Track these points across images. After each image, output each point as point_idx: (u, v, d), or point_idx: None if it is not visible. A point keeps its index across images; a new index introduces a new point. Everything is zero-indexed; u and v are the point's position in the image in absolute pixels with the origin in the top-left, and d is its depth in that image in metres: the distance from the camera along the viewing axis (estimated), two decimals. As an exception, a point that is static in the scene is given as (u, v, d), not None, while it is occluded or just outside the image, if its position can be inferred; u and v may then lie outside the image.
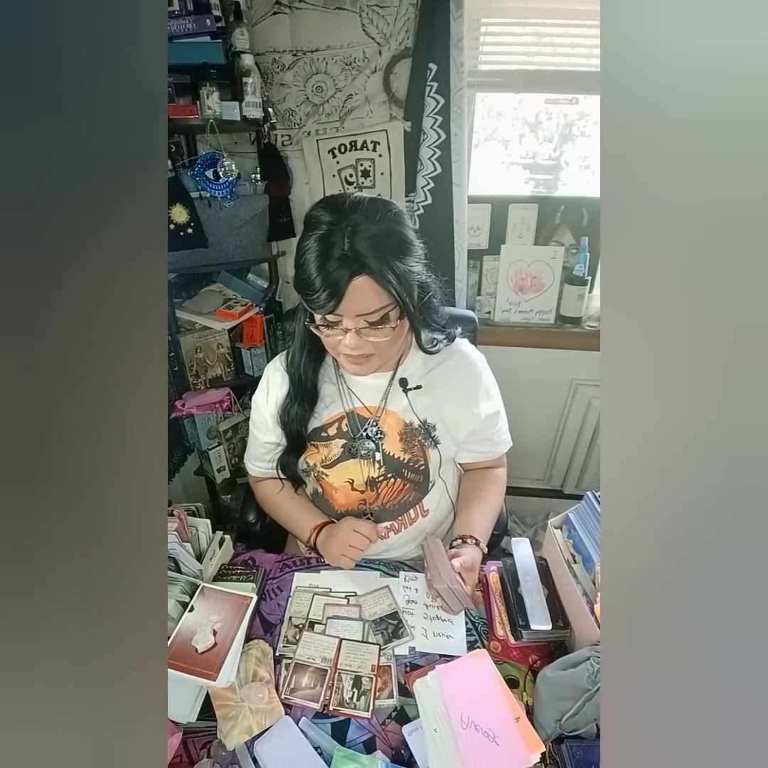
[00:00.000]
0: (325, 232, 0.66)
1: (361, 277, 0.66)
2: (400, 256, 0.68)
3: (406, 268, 0.69)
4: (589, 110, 1.62)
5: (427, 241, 0.75)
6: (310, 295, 0.68)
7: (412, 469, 0.89)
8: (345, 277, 0.65)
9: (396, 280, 0.67)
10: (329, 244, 0.66)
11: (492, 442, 0.97)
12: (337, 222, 0.66)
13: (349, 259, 0.65)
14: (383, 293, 0.68)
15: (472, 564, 0.81)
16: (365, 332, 0.71)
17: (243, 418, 1.65)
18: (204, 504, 1.11)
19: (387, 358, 0.82)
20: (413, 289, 0.71)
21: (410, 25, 1.38)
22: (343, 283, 0.65)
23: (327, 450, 0.90)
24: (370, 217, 0.67)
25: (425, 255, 0.74)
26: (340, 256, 0.65)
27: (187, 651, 0.68)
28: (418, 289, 0.75)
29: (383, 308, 0.69)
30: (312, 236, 0.67)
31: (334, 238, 0.65)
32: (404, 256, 0.69)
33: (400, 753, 0.64)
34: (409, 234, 0.71)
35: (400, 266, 0.67)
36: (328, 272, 0.65)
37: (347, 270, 0.65)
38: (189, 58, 1.22)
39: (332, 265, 0.65)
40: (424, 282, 0.76)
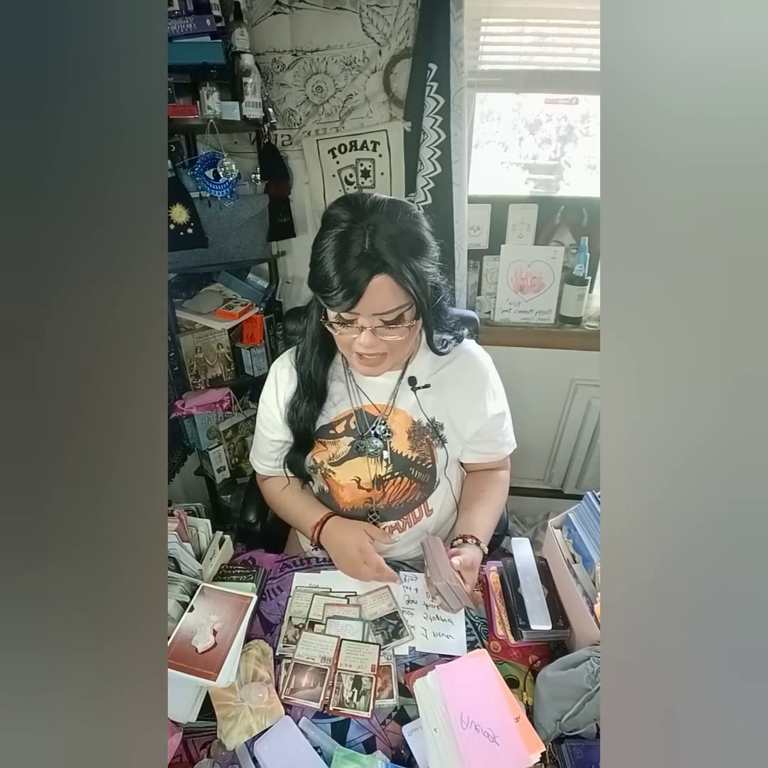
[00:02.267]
0: (344, 230, 0.67)
1: (381, 276, 0.66)
2: (418, 256, 0.69)
3: (424, 269, 0.69)
4: (593, 111, 1.62)
5: (442, 244, 0.75)
6: (327, 293, 0.68)
7: (420, 467, 0.90)
8: (365, 276, 0.65)
9: (414, 279, 0.67)
10: (349, 241, 0.66)
11: (496, 443, 0.97)
12: (357, 220, 0.66)
13: (369, 257, 0.65)
14: (401, 292, 0.68)
15: (471, 563, 0.81)
16: (380, 331, 0.72)
17: (243, 418, 1.65)
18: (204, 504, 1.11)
19: (399, 358, 0.82)
20: (428, 290, 0.72)
21: (410, 25, 1.38)
22: (362, 282, 0.66)
23: (335, 447, 0.90)
24: (390, 217, 0.67)
25: (439, 257, 0.75)
26: (361, 254, 0.65)
27: (187, 651, 0.68)
28: (431, 289, 0.75)
29: (400, 308, 0.70)
30: (331, 234, 0.67)
31: (353, 236, 0.66)
32: (422, 256, 0.69)
33: (400, 753, 0.64)
34: (426, 236, 0.72)
35: (418, 266, 0.68)
36: (348, 270, 0.66)
37: (367, 268, 0.65)
38: (189, 58, 1.22)
39: (352, 263, 0.65)
40: (438, 284, 0.76)
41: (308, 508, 0.95)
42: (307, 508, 0.95)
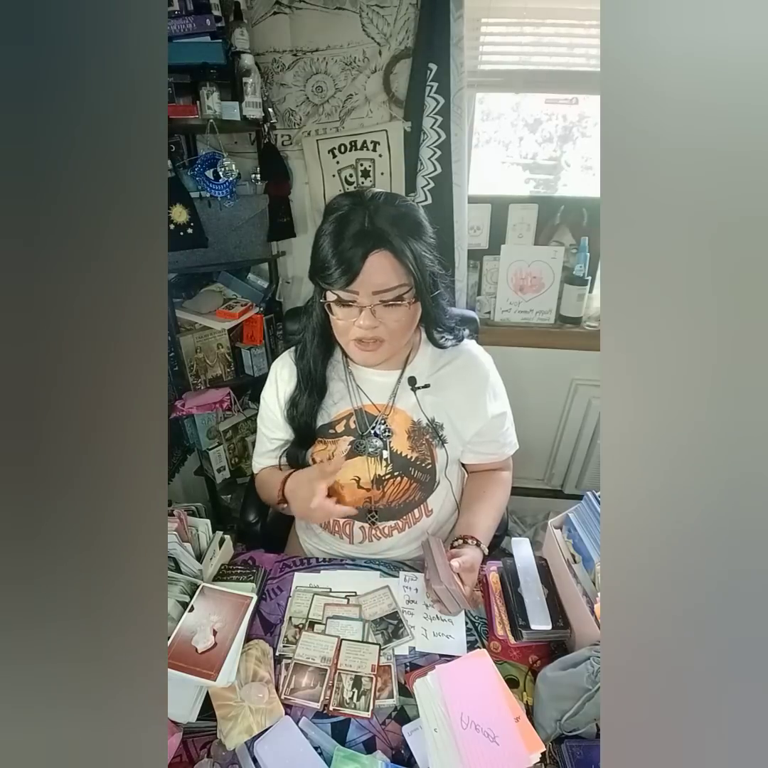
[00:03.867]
0: (345, 212, 0.70)
1: (380, 252, 0.68)
2: (416, 236, 0.71)
3: (422, 251, 0.72)
4: (589, 111, 1.62)
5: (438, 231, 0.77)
6: (327, 270, 0.70)
7: (419, 467, 0.90)
8: (363, 252, 0.68)
9: (413, 257, 0.70)
10: (348, 221, 0.69)
11: (498, 443, 0.97)
12: (358, 204, 0.70)
13: (369, 233, 0.68)
14: (401, 269, 0.70)
15: (471, 564, 0.81)
16: (379, 312, 0.73)
17: (243, 418, 1.65)
18: (204, 504, 1.11)
19: (397, 347, 0.82)
20: (426, 272, 0.74)
21: (410, 25, 1.38)
22: (360, 257, 0.68)
23: (334, 447, 0.90)
24: (389, 201, 0.71)
25: (436, 246, 0.77)
26: (360, 231, 0.68)
27: (187, 651, 0.68)
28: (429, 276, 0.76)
29: (400, 286, 0.72)
30: (332, 218, 0.71)
31: (354, 215, 0.69)
32: (419, 239, 0.72)
33: (400, 753, 0.64)
34: (423, 221, 0.75)
35: (417, 246, 0.71)
36: (346, 248, 0.68)
37: (365, 245, 0.68)
38: (189, 58, 1.22)
39: (350, 242, 0.68)
40: (436, 273, 0.78)
41: (281, 475, 0.92)
42: (280, 476, 0.91)
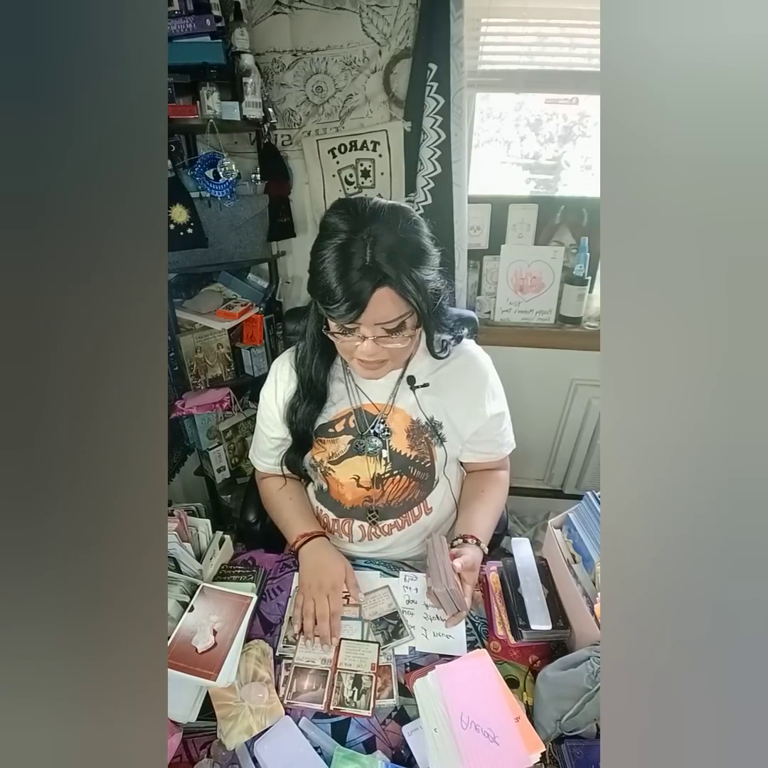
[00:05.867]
0: (344, 242, 0.66)
1: (383, 288, 0.66)
2: (418, 265, 0.68)
3: (424, 277, 0.69)
4: (589, 111, 1.62)
5: (443, 250, 0.75)
6: (330, 305, 0.68)
7: (419, 466, 0.90)
8: (368, 289, 0.65)
9: (415, 289, 0.67)
10: (349, 254, 0.65)
11: (496, 443, 0.97)
12: (356, 231, 0.66)
13: (371, 270, 0.65)
14: (402, 302, 0.68)
15: (472, 564, 0.81)
16: (382, 340, 0.72)
17: (243, 418, 1.65)
18: (204, 504, 1.11)
19: (399, 363, 0.83)
20: (429, 297, 0.72)
21: (410, 25, 1.38)
22: (365, 295, 0.65)
23: (334, 446, 0.90)
24: (390, 226, 0.67)
25: (440, 262, 0.74)
26: (362, 267, 0.65)
27: (187, 651, 0.68)
28: (432, 295, 0.75)
29: (402, 317, 0.70)
30: (331, 245, 0.67)
31: (354, 248, 0.65)
32: (422, 265, 0.69)
33: (400, 753, 0.64)
34: (426, 243, 0.71)
35: (419, 275, 0.68)
36: (350, 283, 0.65)
37: (370, 281, 0.65)
38: (189, 58, 1.22)
39: (354, 276, 0.65)
40: (438, 288, 0.76)
41: (301, 515, 0.95)
42: (300, 515, 0.95)
